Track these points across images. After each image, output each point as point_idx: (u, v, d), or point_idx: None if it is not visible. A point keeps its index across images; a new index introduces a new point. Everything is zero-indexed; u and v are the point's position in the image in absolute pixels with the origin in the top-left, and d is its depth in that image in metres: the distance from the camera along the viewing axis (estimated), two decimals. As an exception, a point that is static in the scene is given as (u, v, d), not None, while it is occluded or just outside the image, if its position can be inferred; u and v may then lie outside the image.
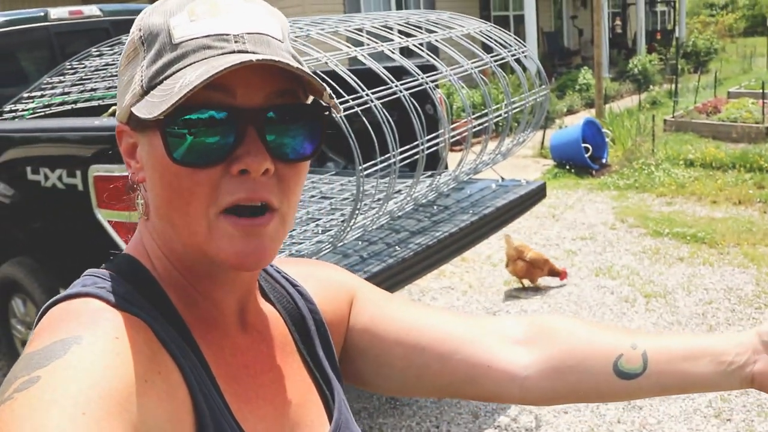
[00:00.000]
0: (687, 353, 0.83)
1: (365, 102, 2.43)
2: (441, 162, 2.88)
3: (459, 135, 3.16)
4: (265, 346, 0.83)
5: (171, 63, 0.69)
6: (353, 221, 2.46)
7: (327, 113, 0.74)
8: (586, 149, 7.97)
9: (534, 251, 4.68)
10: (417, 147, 2.64)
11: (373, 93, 2.46)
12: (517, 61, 3.23)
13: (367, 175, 2.53)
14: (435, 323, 0.94)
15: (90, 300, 0.70)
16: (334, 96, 0.73)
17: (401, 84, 2.61)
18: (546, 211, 6.46)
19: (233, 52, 0.68)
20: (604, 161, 8.20)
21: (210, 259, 0.72)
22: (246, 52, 0.68)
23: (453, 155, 4.58)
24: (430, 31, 3.09)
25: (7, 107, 3.85)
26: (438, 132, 2.81)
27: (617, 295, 4.51)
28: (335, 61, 2.42)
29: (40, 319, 0.70)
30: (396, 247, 2.86)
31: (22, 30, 4.44)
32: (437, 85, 3.65)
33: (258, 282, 0.86)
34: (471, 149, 3.23)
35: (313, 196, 3.95)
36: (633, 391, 0.85)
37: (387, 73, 2.53)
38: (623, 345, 0.86)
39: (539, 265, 4.60)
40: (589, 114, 10.43)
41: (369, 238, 3.02)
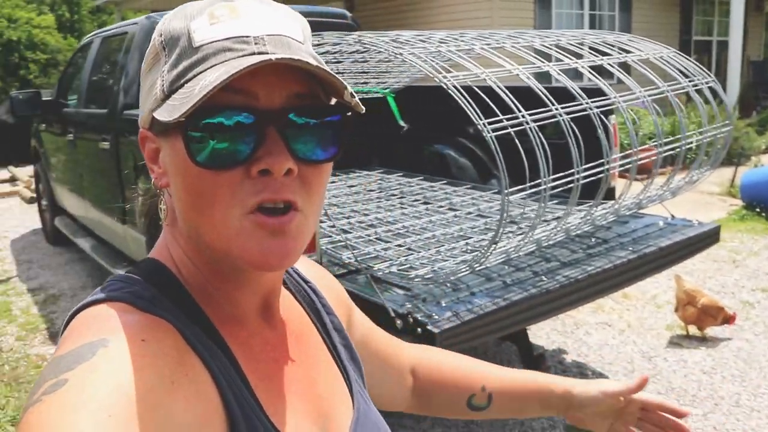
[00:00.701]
0: (522, 396, 1.14)
1: (520, 123, 2.31)
2: (598, 193, 2.70)
3: (623, 166, 2.95)
4: (294, 339, 0.85)
5: (191, 66, 0.70)
6: (494, 247, 2.35)
7: (349, 114, 0.74)
8: (782, 192, 7.30)
9: (708, 297, 4.23)
10: (573, 174, 2.48)
11: (530, 115, 2.34)
12: (699, 92, 2.97)
13: (526, 197, 2.42)
14: (402, 352, 1.14)
15: (116, 304, 0.70)
16: (355, 95, 0.72)
17: (563, 107, 2.46)
18: (726, 255, 5.97)
19: (253, 53, 0.68)
20: (802, 208, 7.48)
21: (234, 260, 0.72)
22: (266, 53, 0.68)
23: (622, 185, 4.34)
24: (603, 54, 2.91)
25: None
26: (600, 161, 2.62)
27: (794, 358, 4.08)
28: (493, 78, 2.32)
29: (67, 325, 0.70)
30: (543, 277, 2.72)
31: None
32: (611, 111, 3.45)
33: None
34: (639, 181, 3.03)
35: (470, 213, 3.86)
36: (479, 416, 1.15)
37: (547, 95, 2.40)
38: (476, 386, 1.13)
39: (712, 313, 4.17)
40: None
41: (517, 263, 2.89)
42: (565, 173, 2.47)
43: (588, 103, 2.52)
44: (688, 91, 2.94)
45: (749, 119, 12.01)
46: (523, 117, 2.30)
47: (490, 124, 2.24)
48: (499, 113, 2.29)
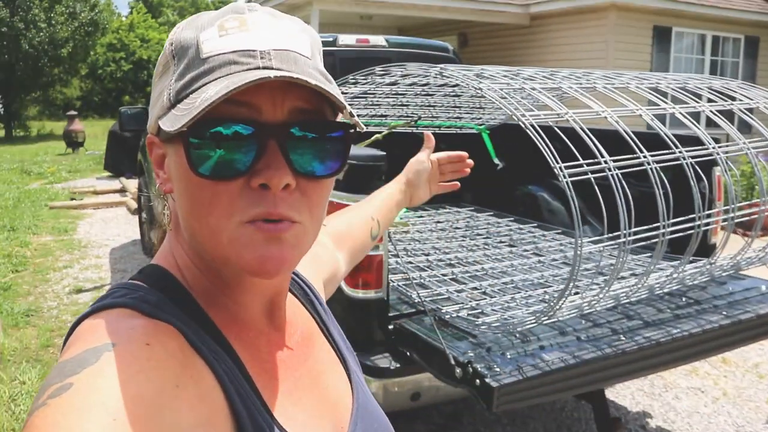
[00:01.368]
0: (390, 207, 1.41)
1: (602, 170, 2.15)
2: (688, 250, 2.48)
3: (714, 221, 2.72)
4: (299, 337, 0.87)
5: (198, 77, 0.70)
6: (563, 300, 2.17)
7: (352, 130, 0.75)
8: None
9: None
10: (659, 228, 2.29)
11: (614, 161, 2.17)
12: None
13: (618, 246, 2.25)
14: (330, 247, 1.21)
15: (120, 310, 0.70)
16: (354, 114, 0.74)
17: (652, 155, 2.28)
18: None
19: (258, 68, 0.68)
20: None
21: (233, 267, 0.73)
22: (271, 68, 0.68)
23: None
24: (709, 101, 2.70)
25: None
26: (691, 215, 2.42)
27: None
28: (576, 119, 2.17)
29: (71, 333, 0.70)
30: (621, 336, 2.51)
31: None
32: (714, 162, 3.22)
33: None
34: (743, 238, 2.78)
35: (555, 259, 3.67)
36: (376, 241, 1.36)
37: (636, 140, 2.23)
38: (371, 222, 1.34)
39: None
40: None
41: (595, 318, 2.70)
42: (649, 227, 2.27)
43: (681, 152, 2.32)
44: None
45: None
46: (606, 163, 2.13)
47: (567, 168, 2.08)
48: (580, 157, 2.13)
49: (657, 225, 2.24)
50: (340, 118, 0.77)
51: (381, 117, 4.06)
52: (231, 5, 0.77)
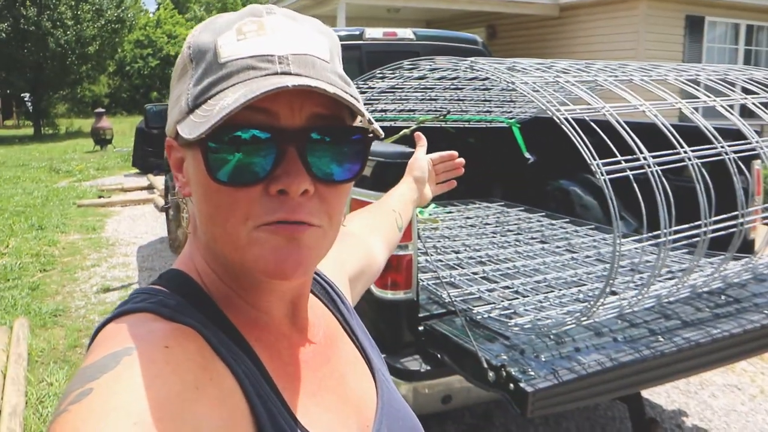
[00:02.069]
0: (406, 205, 1.42)
1: (641, 166, 2.06)
2: (730, 249, 2.39)
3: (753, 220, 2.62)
4: (321, 337, 0.86)
5: (216, 83, 0.70)
6: (602, 300, 2.09)
7: (370, 136, 0.75)
8: None
9: None
10: (700, 227, 2.20)
11: (654, 157, 2.09)
12: None
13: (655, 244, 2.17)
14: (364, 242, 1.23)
15: (141, 315, 0.71)
16: (373, 121, 0.73)
17: (693, 150, 2.19)
18: None
19: (276, 73, 0.68)
20: None
21: (250, 271, 0.73)
22: (289, 73, 0.68)
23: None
24: (748, 92, 2.60)
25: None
26: (733, 213, 2.33)
27: None
28: (614, 114, 2.09)
29: (93, 339, 0.70)
30: (659, 337, 2.43)
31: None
32: (754, 156, 3.11)
33: None
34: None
35: (588, 256, 3.58)
36: (402, 231, 1.39)
37: (676, 135, 2.14)
38: (394, 214, 1.36)
39: None
40: None
41: (632, 318, 2.61)
42: (691, 225, 2.18)
43: (723, 147, 2.23)
44: None
45: None
46: (645, 159, 2.05)
47: (605, 165, 2.00)
48: (618, 153, 2.05)
49: (698, 224, 2.15)
50: (358, 120, 0.77)
51: (409, 112, 3.99)
52: (249, 8, 0.76)
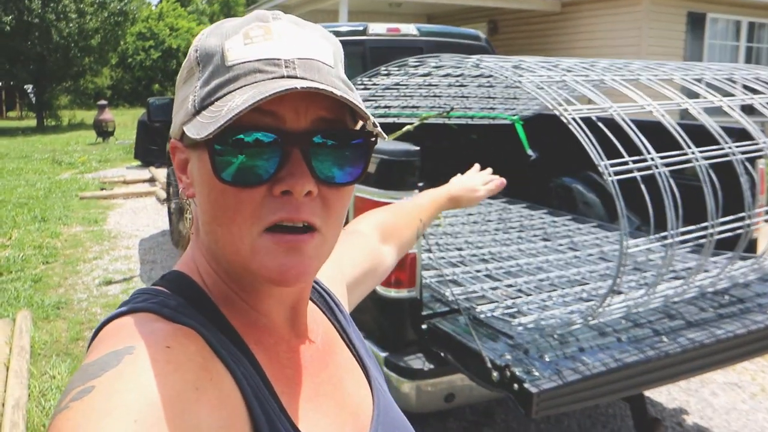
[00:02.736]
0: (432, 212, 1.45)
1: (648, 167, 2.05)
2: (736, 249, 2.38)
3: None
4: (319, 344, 0.87)
5: (222, 85, 0.71)
6: (608, 300, 2.09)
7: (373, 139, 0.76)
8: None
9: None
10: (707, 228, 2.19)
11: (661, 158, 2.08)
12: None
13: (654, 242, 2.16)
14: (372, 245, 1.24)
15: (142, 315, 0.71)
16: (378, 125, 0.75)
17: (701, 151, 2.18)
18: None
19: (283, 77, 0.70)
20: None
21: (253, 275, 0.74)
22: (295, 77, 0.70)
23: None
24: (754, 92, 2.59)
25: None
26: (740, 215, 2.32)
27: None
28: (621, 114, 2.08)
29: (94, 338, 0.71)
30: (663, 337, 2.42)
31: (342, 42, 4.62)
32: (758, 156, 3.10)
33: None
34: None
35: (591, 254, 3.57)
36: (419, 236, 1.41)
37: (684, 135, 2.13)
38: (419, 224, 1.38)
39: None
40: None
41: (635, 318, 2.60)
42: (698, 226, 2.18)
43: (731, 148, 2.22)
44: None
45: None
46: (653, 160, 2.04)
47: (613, 165, 1.99)
48: (625, 153, 2.04)
49: (705, 225, 2.15)
50: (360, 124, 0.78)
51: (413, 108, 3.98)
52: (255, 13, 0.77)
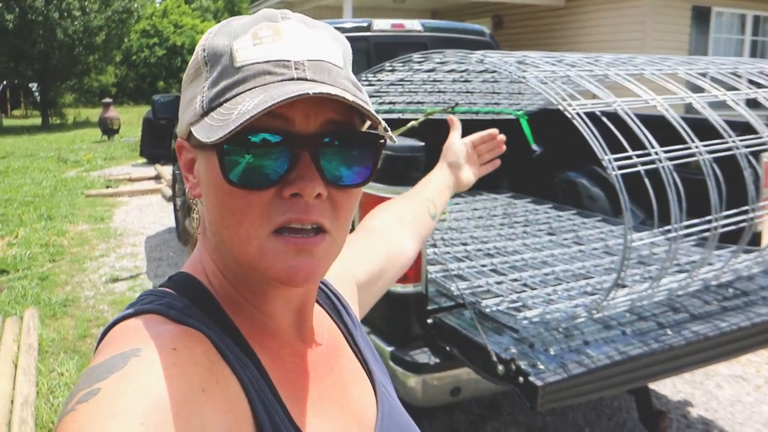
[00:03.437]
0: (441, 192, 1.40)
1: (652, 161, 2.06)
2: (740, 242, 2.39)
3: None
4: (324, 347, 0.86)
5: (231, 86, 0.71)
6: (612, 293, 2.10)
7: (382, 141, 0.76)
8: None
9: None
10: (710, 222, 2.21)
11: (665, 152, 2.09)
12: None
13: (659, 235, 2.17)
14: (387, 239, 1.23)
15: (149, 316, 0.71)
16: (389, 128, 0.74)
17: (705, 145, 2.19)
18: None
19: (292, 79, 0.69)
20: None
21: (262, 276, 0.74)
22: (305, 79, 0.70)
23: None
24: (758, 85, 2.60)
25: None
26: (743, 208, 2.33)
27: None
28: (625, 108, 2.09)
29: (101, 340, 0.71)
30: (667, 330, 2.44)
31: (346, 38, 4.62)
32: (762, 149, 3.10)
33: None
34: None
35: (596, 248, 3.58)
36: (435, 219, 1.37)
37: (688, 130, 2.14)
38: (427, 203, 1.35)
39: None
40: None
41: (640, 311, 2.62)
42: (701, 220, 2.19)
43: (735, 142, 2.23)
44: None
45: None
46: (657, 154, 2.05)
47: (617, 160, 2.00)
48: (629, 148, 2.05)
49: (708, 218, 2.16)
50: (368, 125, 0.78)
51: (417, 104, 3.99)
52: (264, 12, 0.76)
